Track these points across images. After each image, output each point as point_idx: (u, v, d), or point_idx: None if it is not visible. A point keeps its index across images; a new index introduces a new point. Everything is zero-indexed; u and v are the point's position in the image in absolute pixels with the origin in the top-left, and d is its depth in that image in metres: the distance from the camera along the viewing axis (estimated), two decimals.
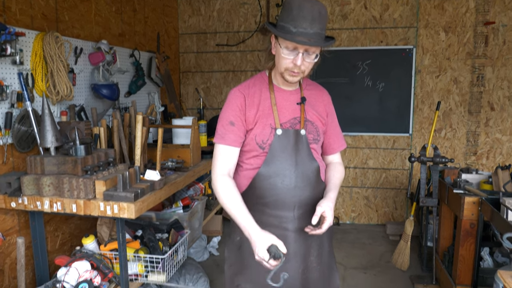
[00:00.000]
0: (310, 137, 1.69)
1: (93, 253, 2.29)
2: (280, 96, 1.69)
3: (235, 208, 1.57)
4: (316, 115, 1.73)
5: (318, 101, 1.77)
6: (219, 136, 1.66)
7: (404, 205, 4.62)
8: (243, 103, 1.65)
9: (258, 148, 1.65)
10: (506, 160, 4.31)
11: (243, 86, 1.70)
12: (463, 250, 2.79)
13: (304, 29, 1.46)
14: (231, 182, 1.62)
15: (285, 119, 1.66)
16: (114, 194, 2.09)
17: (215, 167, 1.66)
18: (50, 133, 2.22)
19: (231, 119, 1.65)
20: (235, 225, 1.76)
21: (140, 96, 3.78)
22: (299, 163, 1.65)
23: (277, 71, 1.65)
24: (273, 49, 1.62)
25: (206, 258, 3.77)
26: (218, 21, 4.73)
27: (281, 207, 1.65)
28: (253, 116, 1.65)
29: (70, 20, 2.81)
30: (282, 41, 1.53)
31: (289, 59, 1.54)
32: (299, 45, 1.49)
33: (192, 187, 3.42)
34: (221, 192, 1.61)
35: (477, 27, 4.19)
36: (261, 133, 1.64)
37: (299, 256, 1.70)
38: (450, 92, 4.35)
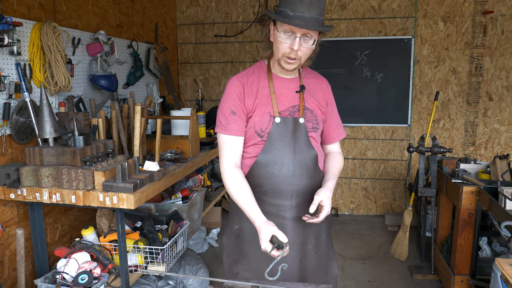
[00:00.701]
0: (309, 125, 1.69)
1: (92, 245, 2.30)
2: (278, 84, 1.69)
3: (243, 199, 1.58)
4: (316, 103, 1.72)
5: (318, 90, 1.77)
6: (222, 126, 1.66)
7: (403, 195, 4.63)
8: (242, 92, 1.65)
9: (257, 136, 1.65)
10: (504, 150, 4.32)
11: (242, 75, 1.70)
12: (461, 240, 2.81)
13: (301, 13, 1.47)
14: (238, 173, 1.63)
15: (284, 107, 1.66)
16: (113, 185, 2.09)
17: (222, 158, 1.67)
18: (49, 124, 2.21)
19: (232, 108, 1.64)
20: (234, 214, 1.79)
21: (138, 88, 3.77)
22: (297, 152, 1.65)
23: (275, 59, 1.65)
24: (271, 36, 1.62)
25: (206, 250, 3.79)
26: (216, 11, 4.70)
27: (279, 195, 1.66)
28: (251, 104, 1.65)
29: (68, 10, 2.79)
30: (280, 26, 1.53)
31: (286, 44, 1.53)
32: (296, 28, 1.49)
33: (191, 179, 3.42)
34: (229, 183, 1.62)
35: (476, 16, 4.18)
36: (260, 121, 1.64)
37: (296, 245, 1.70)
38: (449, 82, 4.34)
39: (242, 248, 1.75)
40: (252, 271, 1.73)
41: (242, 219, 1.73)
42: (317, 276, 1.79)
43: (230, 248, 1.81)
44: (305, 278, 1.76)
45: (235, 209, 1.77)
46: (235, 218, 1.79)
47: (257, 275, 1.71)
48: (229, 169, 1.63)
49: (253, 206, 1.56)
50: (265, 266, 1.49)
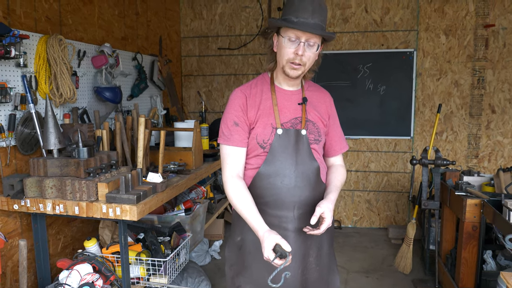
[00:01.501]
0: (311, 137, 1.70)
1: (95, 256, 2.29)
2: (281, 96, 1.70)
3: (245, 209, 1.59)
4: (318, 115, 1.74)
5: (320, 102, 1.78)
6: (225, 137, 1.68)
7: (406, 208, 4.61)
8: (244, 103, 1.67)
9: (259, 148, 1.66)
10: (507, 163, 4.30)
11: (245, 87, 1.73)
12: (465, 253, 2.79)
13: (305, 19, 1.51)
14: (241, 184, 1.64)
15: (286, 119, 1.68)
16: (117, 196, 2.09)
17: (224, 169, 1.68)
18: (53, 135, 2.23)
19: (234, 119, 1.66)
20: (236, 226, 1.79)
21: (142, 100, 3.79)
22: (299, 163, 1.66)
23: (279, 68, 1.67)
24: (275, 46, 1.64)
25: (208, 262, 3.77)
26: (220, 24, 4.75)
27: (281, 206, 1.66)
28: (253, 116, 1.66)
29: (74, 23, 2.83)
30: (284, 32, 1.56)
31: (291, 49, 1.56)
32: (301, 33, 1.53)
33: (194, 190, 3.42)
34: (231, 193, 1.63)
35: (477, 30, 4.20)
36: (262, 133, 1.65)
37: (298, 256, 1.70)
38: (451, 94, 4.35)
39: (244, 260, 1.75)
40: (255, 283, 1.72)
41: (244, 231, 1.73)
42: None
43: (232, 260, 1.81)
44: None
45: (237, 221, 1.77)
46: (237, 230, 1.79)
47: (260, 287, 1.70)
48: (232, 180, 1.65)
49: (255, 216, 1.57)
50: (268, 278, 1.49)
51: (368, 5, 4.38)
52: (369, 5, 4.38)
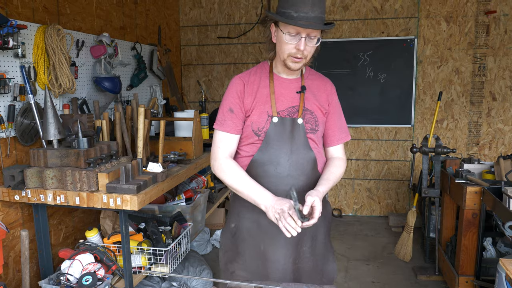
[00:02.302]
0: (308, 126, 1.68)
1: (96, 246, 2.30)
2: (279, 84, 1.69)
3: (244, 184, 1.60)
4: (317, 104, 1.71)
5: (321, 91, 1.75)
6: (219, 123, 1.69)
7: (407, 196, 4.62)
8: (242, 90, 1.67)
9: (254, 135, 1.66)
10: (508, 150, 4.30)
11: (244, 74, 1.72)
12: (465, 240, 2.80)
13: (305, 13, 1.47)
14: (233, 163, 1.65)
15: (283, 107, 1.66)
16: (117, 186, 2.09)
17: (215, 152, 1.68)
18: (53, 126, 2.22)
19: (230, 106, 1.67)
20: (231, 213, 1.81)
21: (142, 89, 3.78)
22: (294, 152, 1.65)
23: (279, 60, 1.65)
24: (274, 37, 1.62)
25: (209, 251, 3.79)
26: (219, 13, 4.71)
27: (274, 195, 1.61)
28: (250, 103, 1.66)
29: (72, 13, 2.81)
30: (284, 27, 1.53)
31: (291, 45, 1.54)
32: (302, 29, 1.50)
33: (195, 180, 3.42)
34: (226, 172, 1.63)
35: (478, 16, 4.17)
36: (258, 120, 1.65)
37: (290, 245, 1.69)
38: (452, 82, 4.33)
39: (238, 246, 1.76)
40: (248, 270, 1.74)
41: (239, 218, 1.75)
42: (312, 278, 1.78)
43: (227, 246, 1.82)
44: (299, 279, 1.75)
45: (233, 207, 1.79)
46: (232, 217, 1.80)
47: (252, 274, 1.72)
48: (224, 160, 1.65)
49: (257, 188, 1.57)
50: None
51: None
52: None
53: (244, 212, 1.74)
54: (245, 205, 1.71)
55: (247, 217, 1.74)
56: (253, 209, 1.66)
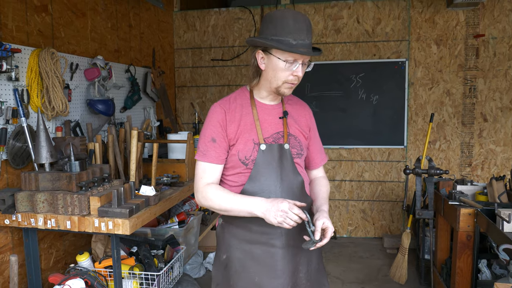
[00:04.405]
0: (294, 151, 1.68)
1: (87, 271, 2.27)
2: (262, 111, 1.68)
3: (231, 201, 1.56)
4: (299, 129, 1.73)
5: (300, 116, 1.77)
6: (201, 153, 1.64)
7: (401, 217, 4.61)
8: (224, 119, 1.63)
9: (241, 165, 1.63)
10: (500, 171, 4.33)
11: (223, 101, 1.68)
12: (460, 263, 2.79)
13: (302, 40, 1.50)
14: (214, 186, 1.62)
15: (268, 133, 1.65)
16: (109, 210, 2.08)
17: (198, 182, 1.64)
18: (45, 149, 2.21)
19: (212, 135, 1.62)
20: (221, 243, 1.76)
21: (135, 111, 3.79)
22: (284, 178, 1.64)
23: (266, 86, 1.64)
24: (262, 64, 1.60)
25: (203, 274, 3.73)
26: (213, 36, 4.77)
27: (268, 223, 1.58)
28: (234, 131, 1.63)
29: (66, 36, 2.83)
30: (281, 54, 1.53)
31: (288, 72, 1.55)
32: (300, 56, 1.51)
33: (188, 202, 3.40)
34: (210, 198, 1.59)
35: (468, 39, 4.25)
36: (244, 149, 1.62)
37: (287, 273, 1.66)
38: (443, 103, 4.39)
39: (229, 279, 1.71)
40: None
41: (230, 249, 1.70)
42: None
43: (218, 279, 1.76)
44: None
45: (221, 238, 1.74)
46: (222, 248, 1.74)
47: None
48: (207, 186, 1.61)
49: (246, 198, 1.54)
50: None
51: (359, 16, 4.42)
52: (361, 16, 4.42)
53: (235, 242, 1.69)
54: (235, 235, 1.68)
55: (238, 247, 1.68)
56: (245, 238, 1.64)
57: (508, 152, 4.32)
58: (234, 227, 1.69)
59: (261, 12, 4.57)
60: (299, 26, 1.50)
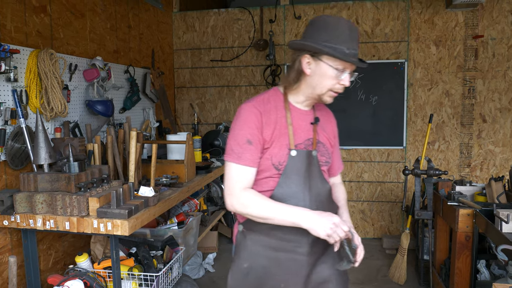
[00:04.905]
0: (323, 159, 1.65)
1: (86, 272, 2.27)
2: (296, 116, 1.63)
3: (274, 209, 1.49)
4: (327, 136, 1.71)
5: (328, 123, 1.75)
6: (235, 156, 1.54)
7: (400, 218, 4.61)
8: (260, 121, 1.55)
9: (273, 169, 1.57)
10: (499, 172, 4.33)
11: (257, 102, 1.60)
12: (459, 263, 2.79)
13: (354, 50, 1.50)
14: (252, 192, 1.54)
15: (300, 139, 1.61)
16: (108, 211, 2.07)
17: (232, 187, 1.54)
18: (44, 150, 2.21)
19: (248, 137, 1.54)
20: (241, 250, 1.66)
21: (135, 112, 3.79)
22: (312, 186, 1.60)
23: (307, 92, 1.60)
24: (307, 69, 1.54)
25: (202, 275, 3.73)
26: (212, 37, 4.77)
27: (295, 231, 1.55)
28: (269, 135, 1.56)
29: (65, 37, 2.83)
30: (333, 62, 1.50)
31: (336, 80, 1.53)
32: (349, 65, 1.51)
33: (187, 203, 3.40)
34: (249, 205, 1.51)
35: (467, 40, 4.26)
36: (278, 154, 1.56)
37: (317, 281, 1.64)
38: (442, 104, 4.39)
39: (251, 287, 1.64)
40: None
41: (253, 256, 1.63)
42: None
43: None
44: None
45: (243, 245, 1.65)
46: (243, 255, 1.65)
47: None
48: (244, 191, 1.53)
49: (291, 208, 1.49)
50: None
51: (359, 16, 4.43)
52: (360, 16, 4.42)
53: (260, 250, 1.62)
54: (260, 242, 1.62)
55: (263, 255, 1.62)
56: (270, 245, 1.60)
57: (507, 153, 4.32)
58: (258, 234, 1.62)
59: (260, 13, 4.57)
60: (353, 36, 1.50)
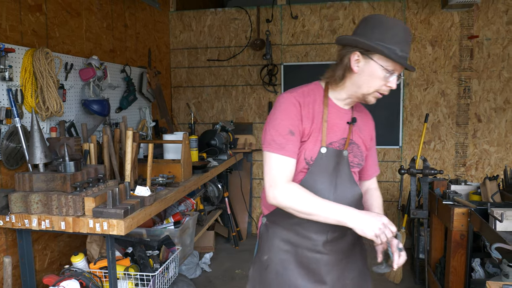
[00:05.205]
0: (355, 160, 1.61)
1: (82, 272, 2.26)
2: (334, 113, 1.59)
3: (319, 206, 1.44)
4: (362, 138, 1.66)
5: (365, 125, 1.71)
6: (278, 146, 1.49)
7: (396, 217, 4.63)
8: (299, 112, 1.52)
9: (305, 164, 1.54)
10: (494, 171, 4.35)
11: (298, 93, 1.56)
12: (454, 262, 2.80)
13: (406, 53, 1.47)
14: (297, 186, 1.49)
15: (336, 138, 1.57)
16: (104, 211, 2.07)
17: (275, 179, 1.49)
18: (39, 149, 2.21)
19: (290, 128, 1.50)
20: (264, 243, 1.66)
21: (131, 112, 3.78)
22: (338, 186, 1.56)
23: (351, 90, 1.55)
24: (355, 67, 1.49)
25: (199, 275, 3.73)
26: (209, 36, 4.77)
27: (315, 229, 1.56)
28: (308, 128, 1.53)
29: (61, 36, 2.82)
30: (384, 62, 1.45)
31: (384, 82, 1.48)
32: (399, 67, 1.48)
33: (184, 203, 3.40)
34: (296, 195, 1.46)
35: (462, 41, 4.28)
36: (312, 149, 1.53)
37: (331, 279, 1.61)
38: (438, 104, 4.41)
39: (270, 282, 1.63)
40: None
41: (273, 249, 1.63)
42: None
43: (256, 280, 1.68)
44: None
45: (265, 238, 1.66)
46: (265, 248, 1.66)
47: None
48: (288, 185, 1.48)
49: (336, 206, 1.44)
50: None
51: (355, 16, 4.43)
52: (357, 16, 4.43)
53: (280, 243, 1.62)
54: (280, 236, 1.62)
55: (283, 249, 1.61)
56: (290, 241, 1.60)
57: (502, 152, 4.34)
58: (280, 229, 1.62)
59: (257, 12, 4.57)
60: (407, 39, 1.47)
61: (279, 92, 4.63)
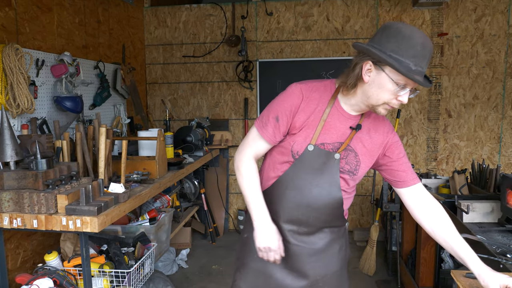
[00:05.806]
0: (347, 167, 1.57)
1: (56, 270, 2.24)
2: (336, 116, 1.56)
3: (252, 193, 1.61)
4: (366, 147, 1.59)
5: (377, 133, 1.61)
6: (262, 124, 1.60)
7: (370, 211, 4.73)
8: (297, 105, 1.55)
9: (291, 156, 1.58)
10: (464, 165, 4.50)
11: (307, 86, 1.59)
12: (424, 253, 2.89)
13: (421, 68, 1.37)
14: (254, 167, 1.64)
15: (330, 140, 1.55)
16: (77, 208, 2.06)
17: (245, 149, 1.65)
18: (10, 147, 2.17)
19: (278, 114, 1.56)
20: (247, 222, 1.78)
21: (105, 109, 3.74)
22: (318, 186, 1.57)
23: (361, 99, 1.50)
24: (366, 76, 1.44)
25: (175, 271, 3.74)
26: (184, 32, 4.75)
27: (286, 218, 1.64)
28: (301, 121, 1.55)
29: (31, 32, 2.77)
30: (395, 75, 1.38)
31: (394, 95, 1.41)
32: (412, 83, 1.39)
33: (159, 199, 3.40)
34: (243, 173, 1.63)
35: (433, 38, 4.39)
36: (300, 144, 1.55)
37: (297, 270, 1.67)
38: (410, 100, 4.52)
39: (244, 257, 1.76)
40: (249, 284, 1.73)
41: (251, 229, 1.68)
42: None
43: (238, 254, 1.84)
44: None
45: (248, 219, 1.73)
46: (247, 227, 1.79)
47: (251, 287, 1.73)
48: (248, 161, 1.64)
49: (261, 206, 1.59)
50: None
51: (329, 13, 4.50)
52: (331, 13, 4.49)
53: None
54: None
55: None
56: None
57: (471, 147, 4.49)
58: None
59: (232, 9, 4.58)
60: (425, 53, 1.37)
61: (255, 88, 4.65)
